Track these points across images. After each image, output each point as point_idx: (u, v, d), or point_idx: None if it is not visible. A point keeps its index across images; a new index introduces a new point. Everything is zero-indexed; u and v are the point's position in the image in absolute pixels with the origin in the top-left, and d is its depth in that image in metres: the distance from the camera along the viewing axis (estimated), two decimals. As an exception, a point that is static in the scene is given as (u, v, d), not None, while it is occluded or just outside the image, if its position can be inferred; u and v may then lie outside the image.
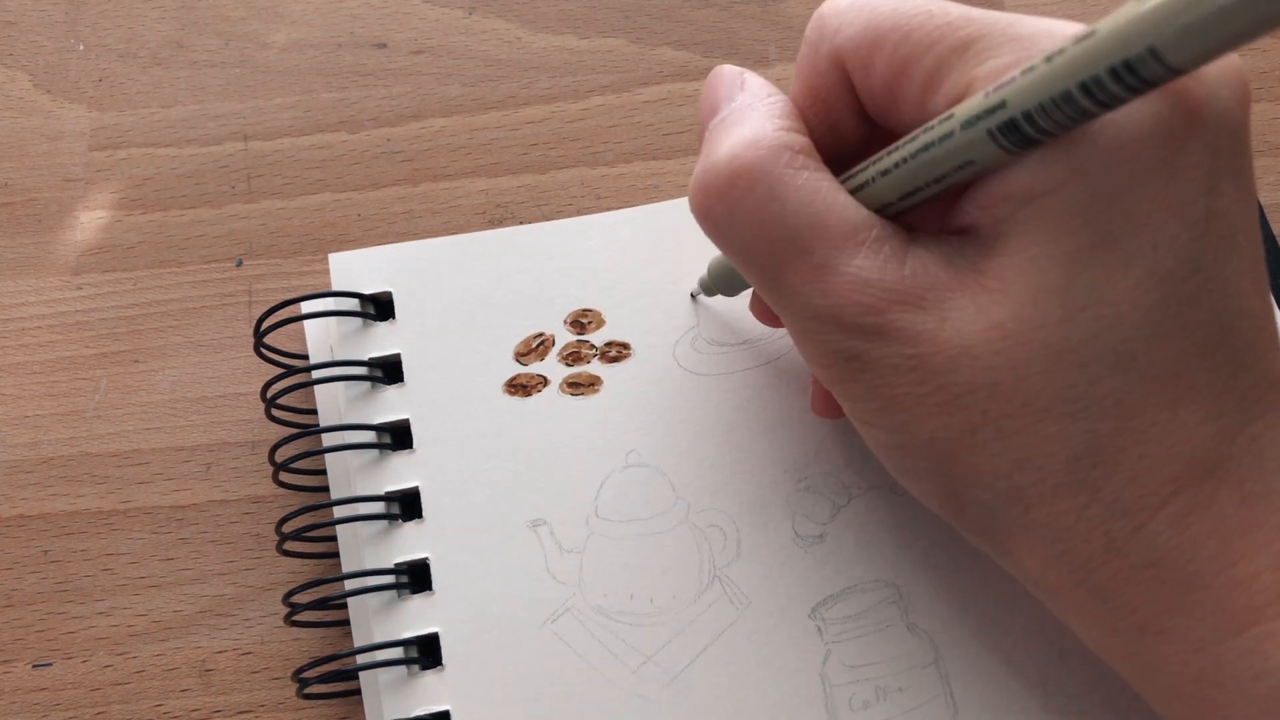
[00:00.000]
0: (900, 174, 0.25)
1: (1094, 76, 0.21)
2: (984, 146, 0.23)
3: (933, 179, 0.25)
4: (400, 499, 0.35)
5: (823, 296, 0.25)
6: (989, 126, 0.23)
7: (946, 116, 0.24)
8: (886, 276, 0.25)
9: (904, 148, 0.25)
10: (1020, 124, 0.22)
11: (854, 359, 0.26)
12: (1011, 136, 0.23)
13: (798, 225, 0.26)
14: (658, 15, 0.42)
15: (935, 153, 0.24)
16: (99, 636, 0.35)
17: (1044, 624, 0.33)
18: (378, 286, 0.36)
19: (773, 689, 0.33)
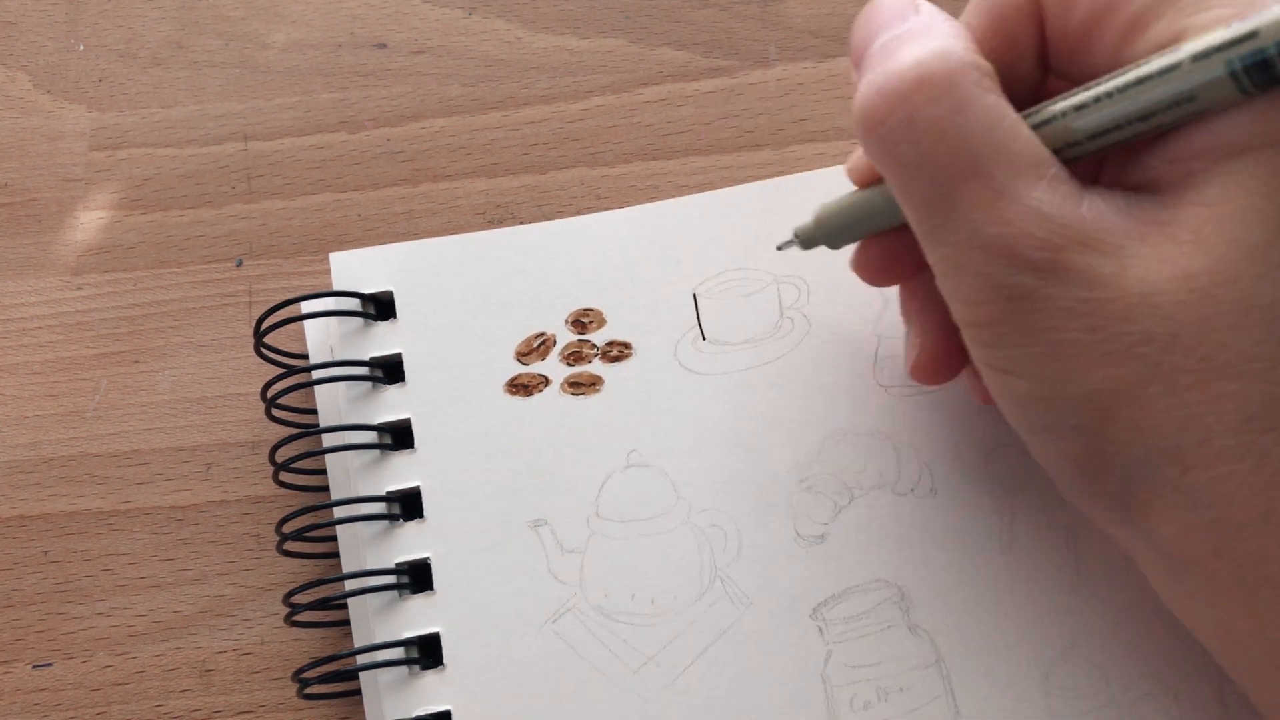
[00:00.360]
0: (1100, 108, 0.24)
1: None
2: (1216, 85, 0.22)
3: (1138, 115, 0.24)
4: (401, 499, 0.35)
5: (999, 224, 0.24)
6: (1229, 58, 0.22)
7: (1171, 50, 0.23)
8: (1066, 214, 0.24)
9: (1110, 81, 0.24)
10: (1272, 59, 0.21)
11: (1020, 298, 0.24)
12: (1256, 74, 0.22)
13: (980, 144, 0.24)
14: (658, 15, 0.42)
15: (1151, 86, 0.23)
16: (99, 636, 0.35)
17: (1045, 624, 0.33)
18: (379, 286, 0.36)
19: (774, 689, 0.33)
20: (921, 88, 0.25)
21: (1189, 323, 0.23)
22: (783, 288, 0.36)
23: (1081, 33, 0.25)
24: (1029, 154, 0.24)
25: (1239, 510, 0.23)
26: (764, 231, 0.36)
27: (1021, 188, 0.24)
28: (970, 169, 0.24)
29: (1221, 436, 0.23)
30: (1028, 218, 0.24)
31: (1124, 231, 0.24)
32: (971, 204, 0.24)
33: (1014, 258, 0.24)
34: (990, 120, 0.24)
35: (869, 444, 0.34)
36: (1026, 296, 0.24)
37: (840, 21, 0.41)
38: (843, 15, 0.41)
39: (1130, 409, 0.24)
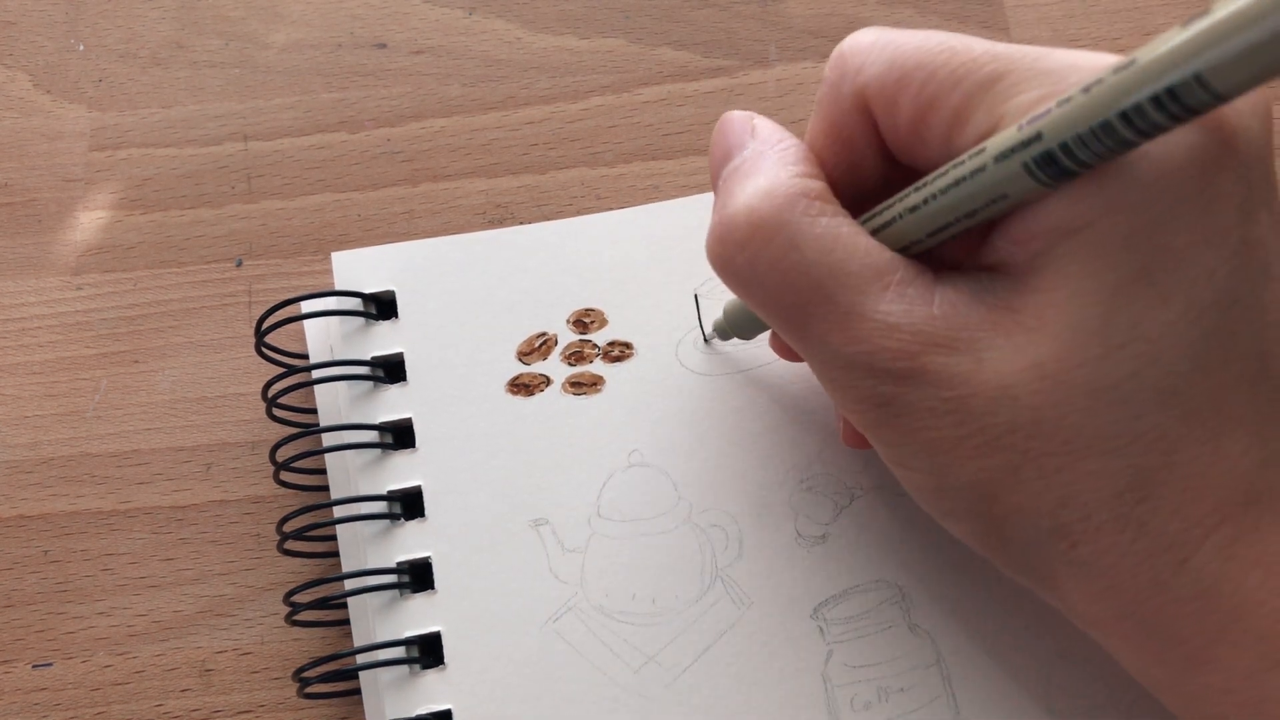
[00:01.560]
0: (929, 210, 0.25)
1: (1135, 105, 0.20)
2: (1019, 180, 0.23)
3: (964, 214, 0.25)
4: (402, 498, 0.35)
5: (852, 344, 0.25)
6: (1024, 159, 0.23)
7: (978, 151, 0.24)
8: (915, 319, 0.25)
9: (933, 183, 0.25)
10: (1057, 156, 0.22)
11: (888, 404, 0.25)
12: (1048, 169, 0.22)
13: (819, 274, 0.25)
14: (658, 15, 0.42)
15: (967, 187, 0.24)
16: (99, 636, 0.35)
17: (1046, 625, 0.33)
18: (381, 286, 0.36)
19: (774, 689, 0.33)
20: (755, 234, 0.26)
21: (1046, 409, 0.24)
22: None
23: (910, 130, 0.26)
24: (870, 267, 0.25)
25: (1129, 579, 0.24)
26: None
27: (867, 304, 0.25)
28: (816, 298, 0.25)
29: (1098, 511, 0.24)
30: (878, 332, 0.25)
31: (976, 324, 0.24)
32: (825, 328, 0.25)
33: (873, 371, 0.25)
34: (824, 247, 0.25)
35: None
36: (893, 402, 0.25)
37: (840, 21, 0.41)
38: (843, 15, 0.42)
39: (1009, 495, 0.25)
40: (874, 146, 0.28)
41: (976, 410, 0.24)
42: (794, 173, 0.26)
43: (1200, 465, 0.23)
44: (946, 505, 0.27)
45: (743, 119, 0.29)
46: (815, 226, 0.25)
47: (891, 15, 0.41)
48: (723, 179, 0.28)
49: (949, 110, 0.25)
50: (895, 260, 0.25)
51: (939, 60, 0.25)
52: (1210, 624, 0.24)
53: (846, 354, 0.25)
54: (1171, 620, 0.24)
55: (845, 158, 0.28)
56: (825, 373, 0.27)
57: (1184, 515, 0.24)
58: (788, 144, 0.28)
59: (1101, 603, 0.25)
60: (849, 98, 0.27)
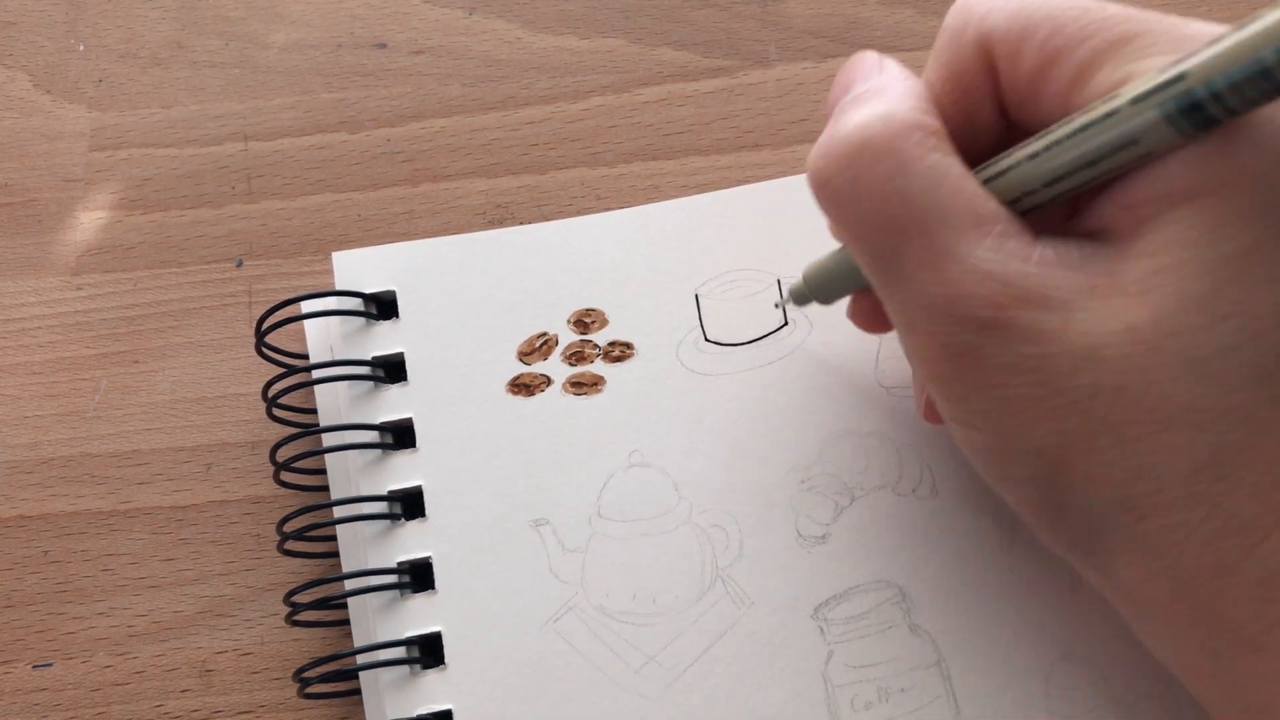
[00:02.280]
0: (1050, 155, 0.24)
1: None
2: (1153, 128, 0.22)
3: (1086, 162, 0.24)
4: (402, 498, 0.35)
5: (940, 285, 0.24)
6: (1163, 101, 0.22)
7: (1112, 96, 0.23)
8: (1010, 270, 0.24)
9: (1058, 130, 0.24)
10: (1202, 101, 0.21)
11: (966, 355, 0.25)
12: (1189, 116, 0.22)
13: (922, 206, 0.25)
14: (658, 15, 0.42)
15: (1094, 132, 0.23)
16: (99, 636, 0.35)
17: (1046, 625, 0.33)
18: (382, 285, 0.36)
19: (775, 689, 0.33)
20: (864, 151, 0.25)
21: (1134, 376, 0.23)
22: (784, 288, 0.36)
23: (1031, 83, 0.26)
24: (973, 211, 0.25)
25: (1193, 558, 0.24)
26: (765, 231, 0.37)
27: (964, 246, 0.24)
28: (913, 230, 0.25)
29: (1172, 486, 0.23)
30: (970, 277, 0.24)
31: (1072, 285, 0.24)
32: (915, 264, 0.25)
33: (958, 316, 0.24)
34: (932, 180, 0.25)
35: (870, 444, 0.34)
36: (972, 353, 0.24)
37: (840, 21, 0.41)
38: (843, 15, 0.42)
39: (1081, 461, 0.24)
40: (991, 99, 0.27)
41: (1059, 370, 0.24)
42: (915, 105, 0.26)
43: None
44: (1008, 469, 0.26)
45: (875, 57, 0.28)
46: (926, 158, 0.25)
47: (891, 15, 0.41)
48: (841, 105, 0.27)
49: (1073, 65, 0.24)
50: (1000, 211, 0.25)
51: (1069, 15, 0.24)
52: (1270, 612, 0.23)
53: (932, 294, 0.25)
54: (1230, 604, 0.24)
55: (961, 108, 0.27)
56: (906, 314, 0.26)
57: (1260, 499, 0.23)
58: (915, 82, 0.27)
59: (1157, 582, 0.24)
60: (971, 44, 0.26)
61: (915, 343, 0.26)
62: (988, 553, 0.33)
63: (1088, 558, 0.26)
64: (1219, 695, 0.26)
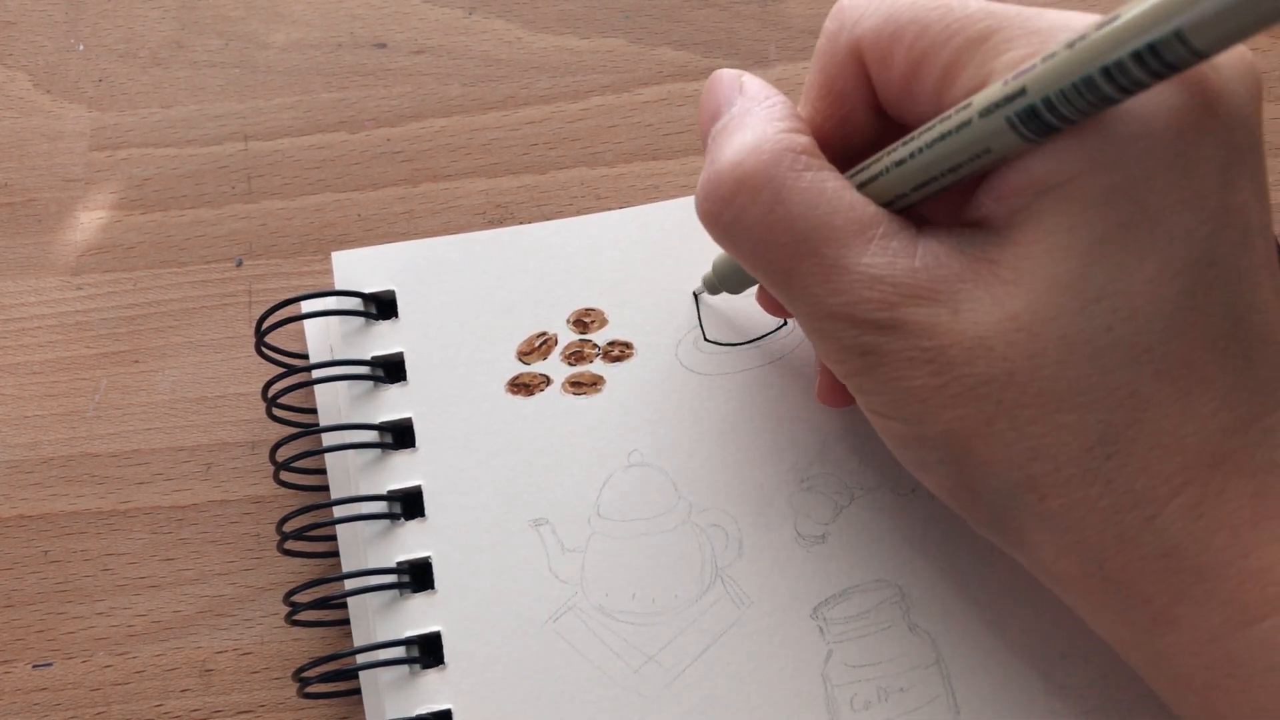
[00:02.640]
0: (915, 163, 0.25)
1: (1117, 61, 0.21)
2: (1002, 135, 0.23)
3: (948, 168, 0.25)
4: (402, 498, 0.35)
5: (834, 295, 0.26)
6: (1008, 114, 0.23)
7: (964, 105, 0.24)
8: (897, 271, 0.25)
9: (920, 137, 0.25)
10: (1040, 111, 0.22)
11: (868, 354, 0.26)
12: (1030, 124, 0.23)
13: (804, 228, 0.26)
14: (658, 15, 0.42)
15: (952, 141, 0.24)
16: (99, 636, 0.35)
17: (1045, 624, 0.33)
18: (381, 285, 0.36)
19: (774, 689, 0.33)
20: (740, 188, 0.26)
21: (1020, 361, 0.24)
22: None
23: (903, 84, 0.26)
24: (853, 221, 0.26)
25: (1096, 534, 0.25)
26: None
27: (849, 256, 0.25)
28: (801, 251, 0.26)
29: (1068, 465, 0.24)
30: (860, 284, 0.25)
31: (958, 276, 0.25)
32: (808, 281, 0.26)
33: (855, 321, 0.26)
34: (808, 201, 0.26)
35: (870, 444, 0.34)
36: (873, 352, 0.26)
37: (840, 22, 0.41)
38: (842, 16, 0.42)
39: (982, 445, 0.25)
40: (866, 101, 0.28)
41: (953, 360, 0.25)
42: (780, 128, 0.27)
43: (1170, 424, 0.24)
44: (921, 455, 0.27)
45: (731, 77, 0.29)
46: (800, 181, 0.26)
47: (891, 15, 0.41)
48: (711, 136, 0.28)
49: (940, 65, 0.25)
50: (880, 214, 0.26)
51: (933, 16, 0.25)
52: (1175, 583, 0.24)
53: (829, 305, 0.26)
54: (1137, 578, 0.25)
55: (838, 111, 0.28)
56: (809, 324, 0.27)
57: (1152, 473, 0.24)
58: (774, 100, 0.28)
59: (1068, 558, 0.25)
60: (844, 49, 0.27)
61: (822, 347, 0.27)
62: (987, 553, 0.33)
63: (1004, 537, 0.27)
64: (1145, 665, 0.26)
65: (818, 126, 0.28)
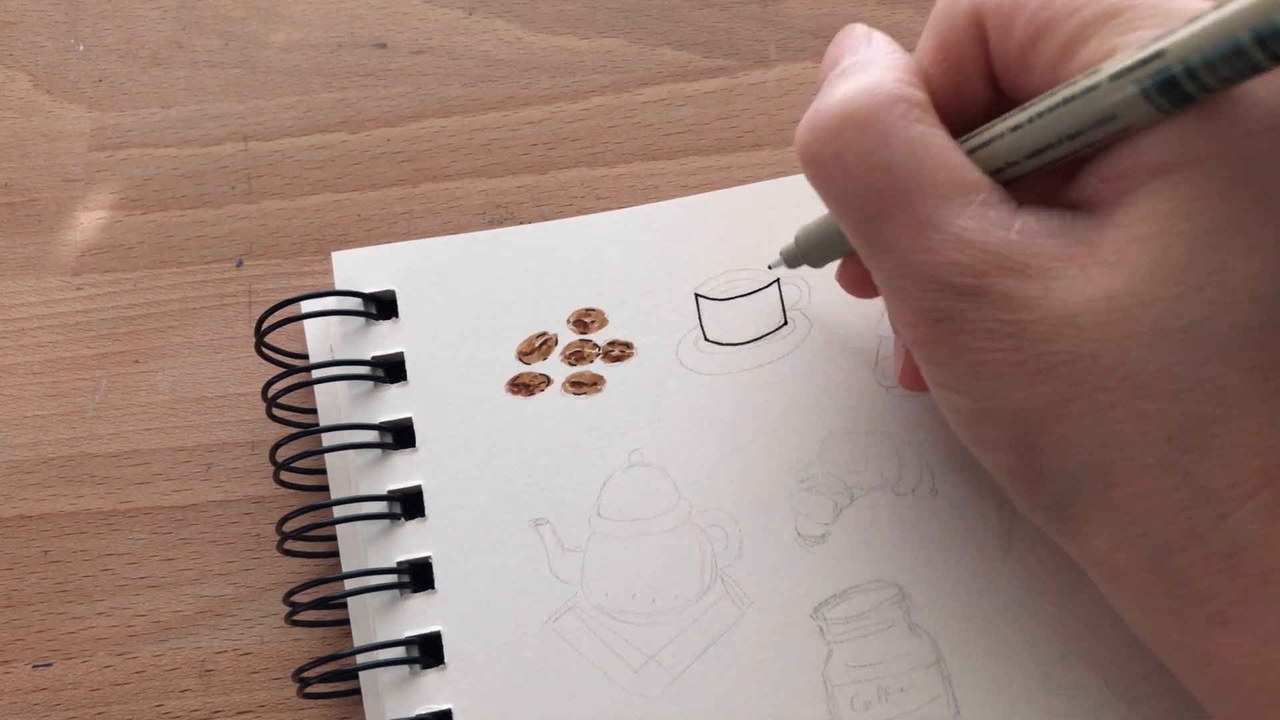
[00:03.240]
0: (1034, 128, 0.25)
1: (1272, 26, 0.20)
2: (1131, 103, 0.23)
3: (1068, 134, 0.24)
4: (402, 498, 0.35)
5: (923, 253, 0.25)
6: (1141, 78, 0.22)
7: (1093, 71, 0.23)
8: (991, 239, 0.25)
9: (1041, 102, 0.25)
10: (1179, 79, 0.22)
11: (948, 320, 0.25)
12: (1166, 93, 0.22)
13: (904, 176, 0.25)
14: (658, 15, 0.42)
15: (1076, 106, 0.24)
16: (99, 636, 0.35)
17: (1046, 625, 0.33)
18: (381, 285, 0.36)
19: (774, 689, 0.33)
20: (848, 123, 0.26)
21: (1110, 343, 0.23)
22: (784, 288, 0.36)
23: (1020, 54, 0.26)
24: (955, 181, 0.25)
25: (1163, 527, 0.24)
26: (764, 231, 0.37)
27: (945, 215, 0.25)
28: (896, 199, 0.25)
29: (1144, 454, 0.24)
30: (951, 245, 0.25)
31: (1052, 253, 0.24)
32: (898, 233, 0.25)
33: (939, 283, 0.25)
34: (915, 152, 0.25)
35: (870, 444, 0.34)
36: (953, 319, 0.25)
37: (840, 21, 0.41)
38: (842, 15, 0.42)
39: (1056, 426, 0.25)
40: (981, 70, 0.27)
41: (1036, 336, 0.24)
42: (900, 78, 0.26)
43: (1255, 422, 0.23)
44: (987, 433, 0.26)
45: (863, 31, 0.29)
46: (909, 130, 0.25)
47: (891, 15, 0.41)
48: (829, 79, 0.28)
49: (1061, 37, 0.25)
50: (983, 181, 0.25)
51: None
52: (1239, 584, 0.24)
53: (916, 262, 0.25)
54: (1199, 575, 0.24)
55: (952, 78, 0.28)
56: (890, 280, 0.26)
57: (1230, 471, 0.23)
58: (900, 55, 0.28)
59: (1128, 550, 0.25)
60: (964, 14, 0.27)
61: (899, 309, 0.27)
62: (988, 553, 0.33)
63: (1061, 524, 0.27)
64: (1189, 666, 0.26)
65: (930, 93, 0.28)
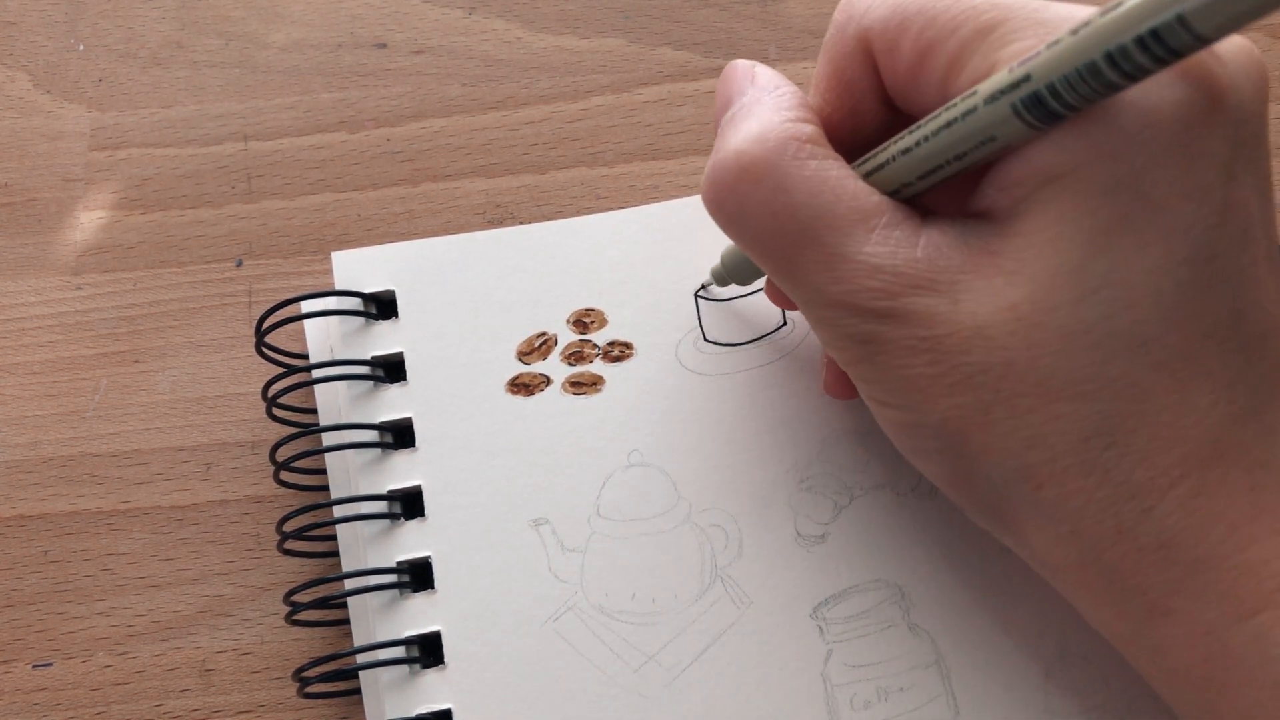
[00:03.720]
0: (921, 152, 0.26)
1: (1120, 46, 0.21)
2: (1007, 122, 0.23)
3: (953, 156, 0.25)
4: (402, 498, 0.35)
5: (836, 283, 0.26)
6: (1013, 100, 0.23)
7: (970, 93, 0.24)
8: (899, 260, 0.25)
9: (926, 125, 0.25)
10: (1044, 97, 0.23)
11: (868, 342, 0.26)
12: (1035, 111, 0.23)
13: (807, 216, 0.26)
14: (658, 15, 0.42)
15: (957, 129, 0.25)
16: (99, 636, 0.35)
17: (1046, 624, 0.33)
18: (381, 285, 0.36)
19: (774, 689, 0.33)
20: (744, 176, 0.26)
21: (1019, 351, 0.24)
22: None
23: (910, 75, 0.27)
24: (856, 210, 0.26)
25: (1092, 525, 0.25)
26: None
27: (852, 245, 0.26)
28: (803, 239, 0.26)
29: (1065, 455, 0.24)
30: (861, 273, 0.25)
31: (959, 266, 0.25)
32: (810, 268, 0.26)
33: (855, 310, 0.26)
34: (811, 190, 0.26)
35: (870, 444, 0.34)
36: (873, 340, 0.26)
37: (840, 22, 0.41)
38: (842, 16, 0.42)
39: (979, 433, 0.25)
40: (874, 91, 0.28)
41: (951, 349, 0.25)
42: (786, 117, 0.27)
43: (1168, 415, 0.24)
44: (919, 443, 0.27)
45: (745, 68, 0.29)
46: (804, 169, 0.26)
47: (891, 15, 0.41)
48: (721, 125, 0.28)
49: (946, 55, 0.25)
50: (883, 203, 0.26)
51: (940, 6, 0.25)
52: (1172, 575, 0.24)
53: (831, 293, 0.26)
54: (1133, 569, 0.25)
55: (846, 102, 0.28)
56: (812, 312, 0.27)
57: (1149, 464, 0.24)
58: (784, 90, 0.28)
59: (1063, 548, 0.26)
60: (853, 39, 0.28)
61: (823, 335, 0.28)
62: (987, 552, 0.33)
63: (1001, 526, 0.27)
64: (1142, 659, 0.26)
65: (827, 117, 0.29)
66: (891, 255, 0.25)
